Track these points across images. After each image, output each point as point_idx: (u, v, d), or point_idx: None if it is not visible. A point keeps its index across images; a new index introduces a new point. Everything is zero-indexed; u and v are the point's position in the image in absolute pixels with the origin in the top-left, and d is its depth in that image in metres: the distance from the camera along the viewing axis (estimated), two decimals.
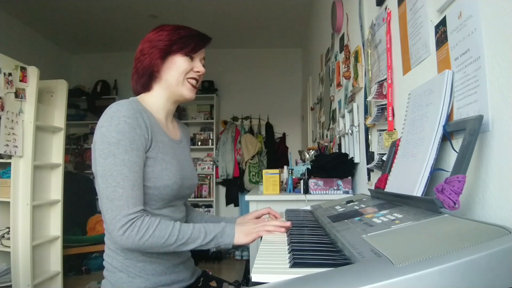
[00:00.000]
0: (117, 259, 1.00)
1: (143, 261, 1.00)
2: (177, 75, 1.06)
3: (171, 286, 1.04)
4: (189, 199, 1.24)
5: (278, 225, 0.99)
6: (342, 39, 2.16)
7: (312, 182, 1.90)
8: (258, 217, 1.22)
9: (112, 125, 0.92)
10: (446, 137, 0.81)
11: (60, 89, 2.91)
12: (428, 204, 0.74)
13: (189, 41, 1.06)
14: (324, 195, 1.87)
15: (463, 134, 0.74)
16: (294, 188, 2.13)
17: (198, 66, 1.09)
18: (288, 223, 1.01)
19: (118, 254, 1.00)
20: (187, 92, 1.08)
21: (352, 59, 1.85)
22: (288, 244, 0.81)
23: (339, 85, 2.19)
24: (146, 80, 1.07)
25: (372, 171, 1.54)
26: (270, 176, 2.08)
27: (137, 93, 1.11)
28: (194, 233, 0.96)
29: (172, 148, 1.08)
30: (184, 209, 1.17)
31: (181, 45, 1.05)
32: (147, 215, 0.94)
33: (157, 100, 1.09)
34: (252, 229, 1.00)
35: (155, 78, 1.08)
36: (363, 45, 1.65)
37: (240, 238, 0.99)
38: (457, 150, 0.73)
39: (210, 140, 4.83)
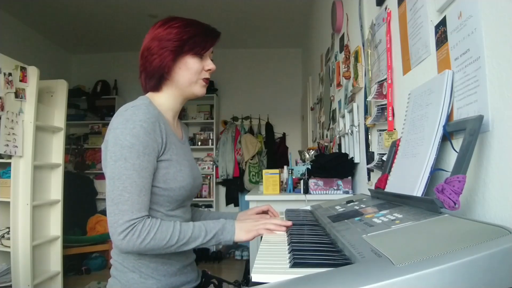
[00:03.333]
0: (129, 259, 0.99)
1: (156, 262, 0.99)
2: (190, 76, 1.04)
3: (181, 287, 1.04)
4: None
5: (278, 224, 1.00)
6: (342, 39, 2.16)
7: (312, 182, 1.90)
8: (258, 213, 1.23)
9: (128, 129, 0.91)
10: (446, 137, 0.81)
11: (60, 89, 2.91)
12: (428, 204, 0.74)
13: (199, 40, 1.03)
14: (324, 195, 1.87)
15: (463, 134, 0.74)
16: (294, 188, 2.13)
17: (209, 64, 1.07)
18: (289, 223, 1.01)
19: (129, 254, 0.99)
20: (199, 89, 1.08)
21: (352, 59, 1.85)
22: (288, 244, 0.81)
23: (339, 85, 2.19)
24: (156, 81, 1.05)
25: (372, 171, 1.54)
26: (270, 176, 2.08)
27: (146, 91, 1.09)
28: (195, 232, 0.96)
29: (182, 149, 1.08)
30: (190, 209, 1.17)
31: (192, 45, 1.02)
32: (148, 217, 0.93)
33: (167, 100, 1.07)
34: (252, 226, 1.00)
35: (165, 80, 1.05)
36: (363, 45, 1.65)
37: (240, 235, 0.99)
38: (457, 150, 0.73)
39: (210, 140, 4.83)
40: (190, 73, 1.04)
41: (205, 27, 1.07)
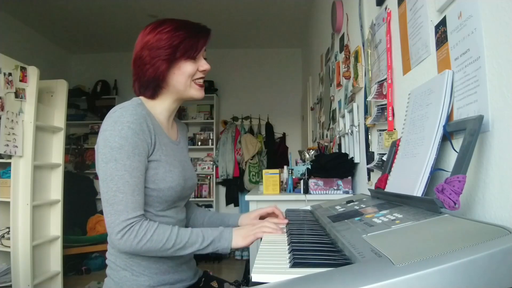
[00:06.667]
0: (121, 258, 1.00)
1: (147, 260, 1.00)
2: (184, 80, 1.03)
3: (174, 285, 1.04)
4: (189, 199, 1.24)
5: (275, 223, 1.00)
6: (342, 39, 2.16)
7: (312, 182, 1.90)
8: (263, 216, 1.20)
9: (116, 130, 0.92)
10: (446, 137, 0.81)
11: (60, 89, 2.90)
12: (428, 204, 0.74)
13: (190, 42, 1.02)
14: (324, 195, 1.87)
15: (463, 134, 0.74)
16: (294, 188, 2.13)
17: (203, 65, 1.06)
18: (285, 220, 1.01)
19: (121, 252, 1.00)
20: (196, 93, 1.06)
21: (352, 59, 1.85)
22: (288, 244, 0.81)
23: (339, 85, 2.19)
24: (152, 91, 1.04)
25: (372, 171, 1.54)
26: (270, 176, 2.08)
27: (139, 94, 1.08)
28: (192, 238, 0.96)
29: (173, 149, 1.08)
30: (185, 209, 1.17)
31: (184, 50, 1.01)
32: (146, 219, 0.94)
33: (163, 105, 1.07)
34: (249, 231, 1.01)
35: (161, 88, 1.04)
36: (363, 45, 1.65)
37: (238, 241, 1.00)
38: (457, 150, 0.73)
39: (210, 140, 4.83)
40: (184, 77, 1.03)
41: (195, 27, 1.05)
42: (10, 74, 2.39)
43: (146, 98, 1.06)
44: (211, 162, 4.80)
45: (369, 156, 1.57)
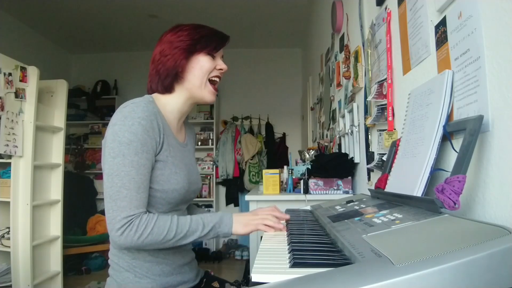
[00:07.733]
0: (124, 259, 1.00)
1: (150, 262, 1.00)
2: (201, 75, 1.05)
3: (177, 287, 1.04)
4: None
5: (276, 221, 1.00)
6: (342, 39, 2.16)
7: (312, 182, 1.90)
8: None
9: (126, 125, 0.91)
10: (446, 137, 0.81)
11: (60, 89, 2.91)
12: (428, 204, 0.74)
13: (210, 39, 1.06)
14: (324, 195, 1.87)
15: (463, 134, 0.74)
16: (294, 188, 2.13)
17: (221, 64, 1.09)
18: (287, 216, 1.01)
19: (124, 253, 1.00)
20: (208, 95, 1.08)
21: (352, 59, 1.85)
22: (288, 244, 0.81)
23: (339, 85, 2.19)
24: (169, 81, 1.04)
25: (372, 171, 1.54)
26: (270, 176, 2.08)
27: (152, 93, 1.08)
28: (192, 226, 0.96)
29: (180, 151, 1.08)
30: (186, 212, 1.17)
31: (204, 44, 1.04)
32: (145, 212, 0.93)
33: (176, 101, 1.07)
34: (250, 220, 1.01)
35: (179, 79, 1.05)
36: (363, 45, 1.65)
37: (238, 228, 1.00)
38: (457, 150, 0.73)
39: (210, 140, 4.83)
40: (201, 72, 1.05)
41: (214, 29, 1.10)
42: (10, 74, 2.39)
43: (160, 93, 1.07)
44: (211, 162, 4.80)
45: (369, 156, 1.57)
